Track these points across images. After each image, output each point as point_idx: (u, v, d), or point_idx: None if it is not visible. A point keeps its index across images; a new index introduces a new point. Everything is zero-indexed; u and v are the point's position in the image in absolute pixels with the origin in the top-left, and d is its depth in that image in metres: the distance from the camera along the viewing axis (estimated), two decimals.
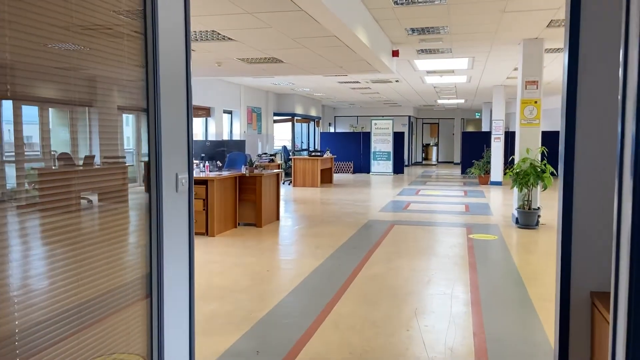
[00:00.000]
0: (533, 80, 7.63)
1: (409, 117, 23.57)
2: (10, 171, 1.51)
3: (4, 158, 1.50)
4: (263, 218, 7.66)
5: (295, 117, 17.33)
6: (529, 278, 4.91)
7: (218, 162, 7.75)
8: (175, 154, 2.26)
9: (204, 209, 6.85)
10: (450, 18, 6.26)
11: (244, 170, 7.56)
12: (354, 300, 4.21)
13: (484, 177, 14.61)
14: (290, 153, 15.89)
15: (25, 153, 1.56)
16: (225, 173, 7.38)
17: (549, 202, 9.57)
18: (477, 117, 26.13)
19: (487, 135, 16.70)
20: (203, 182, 6.88)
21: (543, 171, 7.48)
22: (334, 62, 7.70)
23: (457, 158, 25.95)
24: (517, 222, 7.71)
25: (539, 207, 7.67)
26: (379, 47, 6.86)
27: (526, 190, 7.49)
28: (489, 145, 15.07)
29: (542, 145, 7.77)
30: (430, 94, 16.57)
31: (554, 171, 7.19)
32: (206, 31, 5.42)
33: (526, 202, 7.55)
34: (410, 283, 4.73)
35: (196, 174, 7.25)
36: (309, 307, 4.07)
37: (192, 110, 2.42)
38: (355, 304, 4.13)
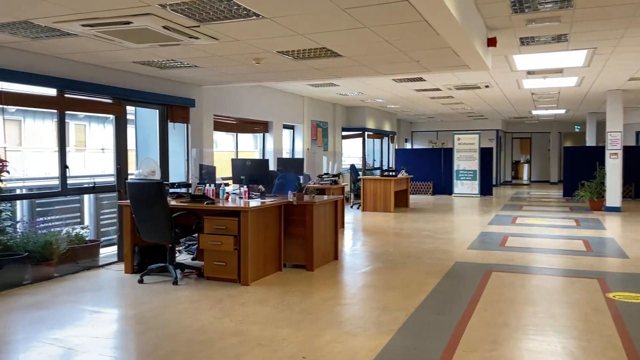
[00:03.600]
0: None
1: (497, 131, 20.99)
2: None
3: None
4: (315, 258, 5.91)
5: (367, 132, 15.56)
6: None
7: (260, 187, 6.15)
8: None
9: (235, 249, 5.23)
10: None
11: (290, 197, 5.89)
12: None
13: (597, 202, 11.95)
14: (360, 172, 14.11)
15: None
16: (268, 201, 5.75)
17: None
18: (577, 130, 22.91)
19: (598, 151, 13.94)
20: (235, 213, 5.28)
21: None
22: (408, 54, 5.86)
23: (554, 177, 22.86)
24: None
25: None
26: (471, 29, 4.97)
27: None
28: (602, 163, 12.40)
29: None
30: (526, 102, 14.15)
31: None
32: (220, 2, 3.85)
33: None
34: None
35: (230, 202, 5.68)
36: None
37: None
38: None
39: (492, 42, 5.94)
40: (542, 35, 6.17)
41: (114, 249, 6.75)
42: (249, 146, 11.95)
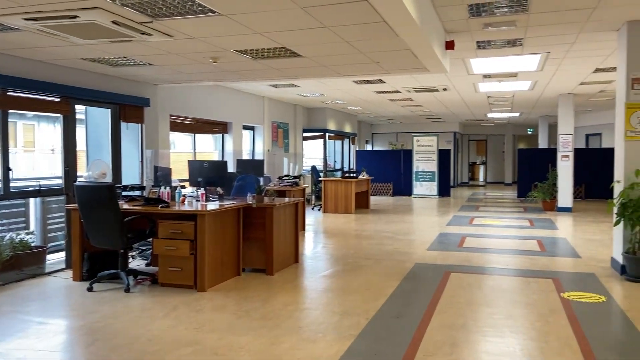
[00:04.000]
0: None
1: (454, 133, 21.41)
2: None
3: None
4: (275, 262, 5.80)
5: (328, 134, 15.54)
6: None
7: (218, 189, 5.98)
8: None
9: (191, 254, 5.05)
10: None
11: (249, 199, 5.75)
12: None
13: (550, 203, 12.32)
14: (322, 174, 14.06)
15: None
16: (226, 203, 5.59)
17: None
18: (530, 132, 23.68)
19: (551, 153, 14.41)
20: (192, 216, 5.10)
21: None
22: (367, 55, 5.83)
23: (509, 178, 23.53)
24: (623, 271, 5.56)
25: None
26: (430, 31, 4.98)
27: (639, 227, 5.36)
28: (554, 165, 12.81)
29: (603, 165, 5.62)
30: (482, 105, 14.47)
31: None
32: None
33: (637, 245, 5.41)
34: None
35: (187, 205, 5.50)
36: None
37: None
38: None
39: (450, 45, 5.99)
40: (498, 39, 6.27)
41: (62, 255, 6.42)
42: (209, 147, 11.70)
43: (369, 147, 22.01)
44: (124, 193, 6.03)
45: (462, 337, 3.75)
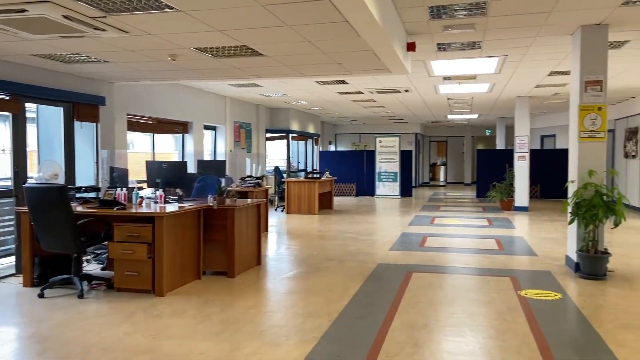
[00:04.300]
0: (596, 79, 5.74)
1: (416, 134, 21.72)
2: None
3: None
4: (237, 265, 5.69)
5: (291, 134, 15.46)
6: None
7: (178, 191, 5.83)
8: None
9: (149, 257, 4.90)
10: None
11: (210, 200, 5.63)
12: None
13: (507, 202, 12.65)
14: (285, 175, 13.97)
15: None
16: (186, 205, 5.45)
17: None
18: (488, 134, 24.30)
19: (508, 154, 14.80)
20: (150, 219, 4.94)
21: (614, 201, 5.55)
22: (330, 55, 5.81)
23: (468, 178, 24.07)
24: (577, 268, 5.74)
25: (606, 250, 5.71)
26: (391, 32, 5.00)
27: (592, 226, 5.54)
28: (511, 165, 13.16)
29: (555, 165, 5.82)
30: (442, 107, 14.72)
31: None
32: None
33: (591, 243, 5.60)
34: None
35: (144, 207, 5.33)
36: None
37: None
38: None
39: (411, 46, 6.04)
40: (457, 41, 6.36)
41: (11, 260, 6.12)
42: (169, 147, 11.42)
43: (332, 148, 22.06)
44: (77, 195, 5.81)
45: (424, 337, 3.77)
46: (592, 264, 5.53)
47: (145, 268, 4.92)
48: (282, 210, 12.14)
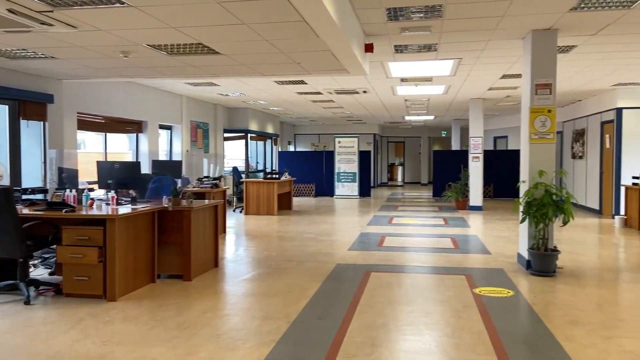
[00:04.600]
0: (546, 82, 5.95)
1: (374, 135, 21.96)
2: None
3: None
4: (193, 267, 5.57)
5: (250, 134, 15.32)
6: None
7: (131, 192, 5.65)
8: None
9: (100, 261, 4.72)
10: None
11: (165, 202, 5.49)
12: None
13: (462, 202, 12.96)
14: (244, 175, 13.82)
15: None
16: (140, 207, 5.29)
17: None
18: (444, 135, 24.86)
19: (463, 155, 15.17)
20: (101, 221, 4.76)
21: (562, 200, 5.76)
22: (288, 55, 5.77)
23: (425, 178, 24.54)
24: (528, 266, 5.93)
25: (555, 247, 5.92)
26: (350, 33, 5.01)
27: (542, 225, 5.73)
28: (465, 166, 13.49)
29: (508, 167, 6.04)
30: (400, 108, 14.93)
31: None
32: None
33: (541, 241, 5.79)
34: None
35: (95, 209, 5.13)
36: None
37: None
38: None
39: (369, 47, 6.08)
40: (414, 43, 6.46)
41: None
42: (123, 147, 11.09)
43: (291, 148, 22.01)
44: (23, 197, 5.54)
45: (382, 337, 3.79)
46: (542, 261, 5.72)
47: (96, 272, 4.74)
48: (241, 211, 12.01)
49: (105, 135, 9.63)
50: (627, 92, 10.55)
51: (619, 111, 10.63)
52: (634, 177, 9.65)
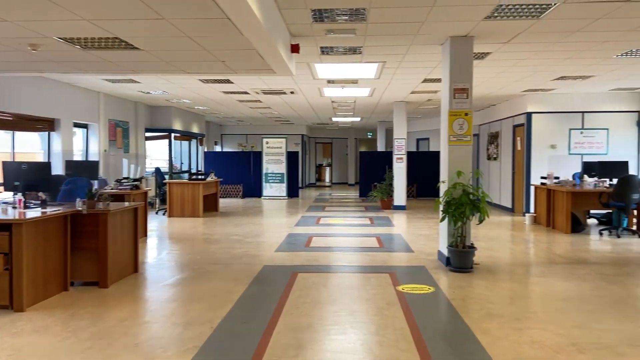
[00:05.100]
0: (463, 87, 6.23)
1: (302, 135, 22.04)
2: None
3: None
4: (110, 273, 5.29)
5: (174, 134, 14.82)
6: None
7: (41, 194, 5.26)
8: None
9: (6, 269, 4.35)
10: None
11: (79, 205, 5.16)
12: None
13: (387, 201, 13.31)
14: (167, 176, 13.36)
15: None
16: (50, 210, 4.93)
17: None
18: (370, 136, 25.44)
19: (388, 156, 15.59)
20: (6, 226, 4.39)
21: (478, 199, 6.05)
22: (212, 53, 5.63)
23: (352, 179, 24.97)
24: (448, 262, 6.18)
25: (472, 244, 6.22)
26: (275, 33, 4.97)
27: (460, 223, 5.99)
28: (390, 167, 13.86)
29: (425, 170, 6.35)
30: (327, 110, 15.09)
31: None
32: None
33: (459, 239, 6.05)
34: None
35: (1, 213, 4.72)
36: None
37: None
38: None
39: (295, 48, 6.07)
40: (340, 45, 6.53)
41: None
42: (35, 147, 10.33)
43: (218, 149, 21.58)
44: None
45: (308, 338, 3.78)
46: (460, 258, 5.99)
47: (1, 281, 4.37)
48: (164, 214, 11.59)
49: (13, 133, 8.92)
50: (535, 97, 11.31)
51: (528, 115, 11.38)
52: (542, 177, 10.37)
